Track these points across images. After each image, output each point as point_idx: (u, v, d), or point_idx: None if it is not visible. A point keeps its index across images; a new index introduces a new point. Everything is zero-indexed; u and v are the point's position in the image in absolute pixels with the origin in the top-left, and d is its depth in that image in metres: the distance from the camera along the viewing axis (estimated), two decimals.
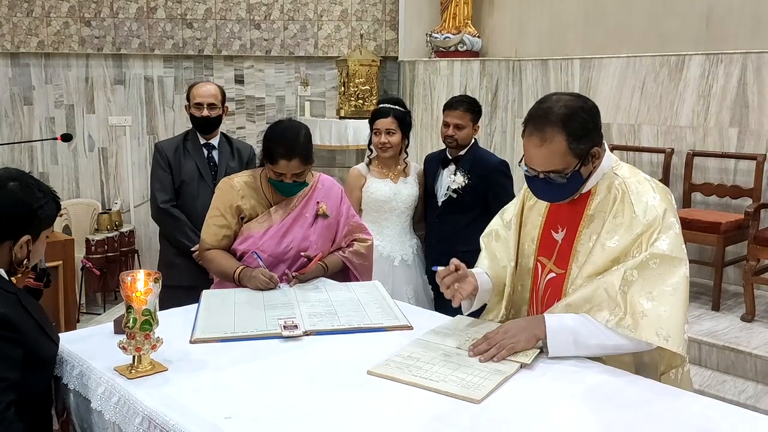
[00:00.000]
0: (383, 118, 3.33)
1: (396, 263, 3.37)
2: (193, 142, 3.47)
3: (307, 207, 2.61)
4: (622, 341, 1.73)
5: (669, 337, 1.70)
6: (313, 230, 2.59)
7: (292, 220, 2.58)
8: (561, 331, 1.77)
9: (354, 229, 2.74)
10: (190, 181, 3.41)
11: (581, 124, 1.77)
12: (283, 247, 2.54)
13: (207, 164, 3.45)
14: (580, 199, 1.88)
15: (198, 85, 3.53)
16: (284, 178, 2.50)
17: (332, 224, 2.66)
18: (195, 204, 3.37)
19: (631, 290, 1.73)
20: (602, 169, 1.85)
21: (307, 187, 2.63)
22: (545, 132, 1.76)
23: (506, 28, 5.95)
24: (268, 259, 2.52)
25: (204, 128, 3.46)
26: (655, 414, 1.53)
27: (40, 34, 6.13)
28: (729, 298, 4.34)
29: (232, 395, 1.61)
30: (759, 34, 4.54)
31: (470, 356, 1.79)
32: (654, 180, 1.89)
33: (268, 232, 2.55)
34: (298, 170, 2.49)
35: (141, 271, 1.73)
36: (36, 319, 1.76)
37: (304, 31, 6.45)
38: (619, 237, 1.78)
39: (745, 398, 3.48)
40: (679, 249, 1.77)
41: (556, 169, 1.78)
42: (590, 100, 1.84)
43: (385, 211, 3.39)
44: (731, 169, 4.60)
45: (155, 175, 3.46)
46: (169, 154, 3.42)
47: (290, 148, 2.44)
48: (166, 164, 3.41)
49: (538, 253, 1.99)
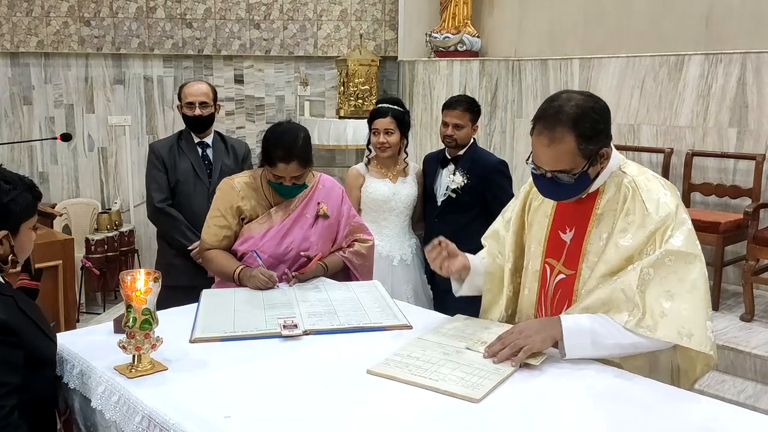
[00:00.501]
0: (381, 117, 3.32)
1: (395, 263, 3.37)
2: (187, 142, 3.47)
3: (307, 208, 2.62)
4: (640, 340, 1.71)
5: (692, 335, 1.68)
6: (313, 231, 2.60)
7: (293, 220, 2.58)
8: (578, 332, 1.74)
9: (355, 229, 2.75)
10: (186, 180, 3.41)
11: (591, 125, 1.75)
12: (283, 247, 2.55)
13: (202, 163, 3.45)
14: (587, 199, 1.87)
15: (189, 84, 3.52)
16: (283, 180, 2.50)
17: (333, 225, 2.66)
18: (191, 203, 3.38)
19: (648, 289, 1.70)
20: (610, 167, 1.84)
21: (308, 188, 2.63)
22: (555, 131, 1.74)
23: (506, 28, 5.95)
24: (268, 260, 2.52)
25: (197, 127, 3.46)
26: (655, 413, 1.54)
27: (40, 34, 6.13)
28: (728, 297, 4.35)
29: (231, 394, 1.61)
30: (758, 34, 4.54)
31: (485, 357, 1.77)
32: (662, 177, 1.89)
33: (268, 233, 2.55)
34: (297, 173, 2.49)
35: (141, 270, 1.73)
36: (33, 320, 1.76)
37: (303, 31, 6.45)
38: (632, 235, 1.76)
39: (745, 398, 3.49)
40: (694, 245, 1.76)
41: (564, 169, 1.77)
42: (602, 100, 1.82)
43: (384, 211, 3.40)
44: (730, 169, 4.61)
45: (150, 175, 3.45)
46: (164, 154, 3.42)
47: (288, 151, 2.45)
48: (161, 164, 3.41)
49: (545, 254, 1.95)
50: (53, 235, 3.37)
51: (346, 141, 5.94)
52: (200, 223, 3.22)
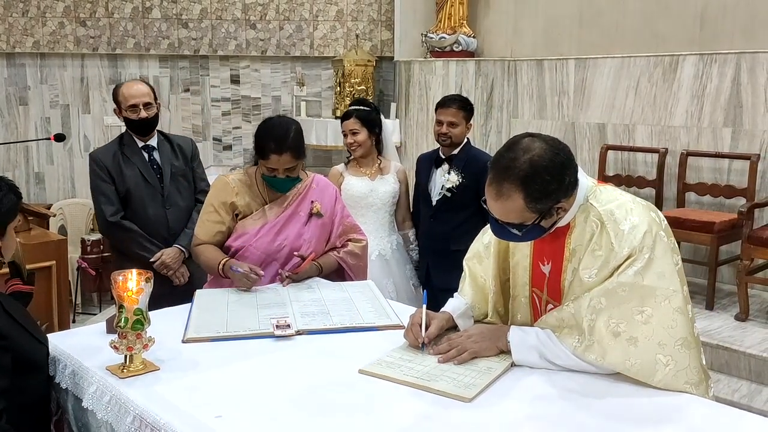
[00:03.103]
0: (347, 119, 3.52)
1: (373, 257, 3.41)
2: (130, 147, 3.23)
3: (301, 205, 2.63)
4: (588, 366, 1.69)
5: (638, 368, 1.62)
6: (307, 228, 2.61)
7: (287, 218, 2.60)
8: (524, 348, 1.75)
9: (348, 229, 2.76)
10: (136, 188, 3.19)
11: (541, 186, 1.63)
12: (276, 244, 2.56)
13: (150, 167, 3.23)
14: (559, 233, 1.78)
15: (126, 85, 3.24)
16: (277, 173, 2.52)
17: (326, 224, 2.68)
18: (146, 212, 3.20)
19: (599, 318, 1.65)
20: (578, 201, 1.75)
21: (302, 186, 2.65)
22: (502, 187, 1.64)
23: (501, 29, 5.95)
24: (261, 256, 2.54)
25: (144, 130, 3.22)
26: (648, 413, 1.54)
27: (36, 34, 6.12)
28: (723, 297, 4.35)
29: (223, 394, 1.61)
30: (753, 34, 4.55)
31: (429, 353, 1.80)
32: (635, 200, 1.77)
33: (262, 229, 2.57)
34: (290, 164, 2.51)
35: (132, 270, 1.73)
36: (22, 324, 1.75)
37: (299, 31, 6.45)
38: (598, 270, 1.69)
39: (739, 397, 3.50)
40: (656, 276, 1.64)
41: (511, 222, 1.69)
42: (562, 152, 1.67)
43: (361, 207, 3.50)
44: (725, 169, 4.61)
45: (96, 187, 3.21)
46: (108, 163, 3.18)
47: (280, 143, 2.47)
48: (107, 174, 3.17)
49: (531, 284, 1.91)
50: (47, 235, 3.36)
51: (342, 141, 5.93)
52: (158, 232, 3.18)
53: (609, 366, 1.67)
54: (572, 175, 1.70)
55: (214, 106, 6.50)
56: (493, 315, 1.98)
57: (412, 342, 1.86)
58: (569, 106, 5.39)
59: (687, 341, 1.66)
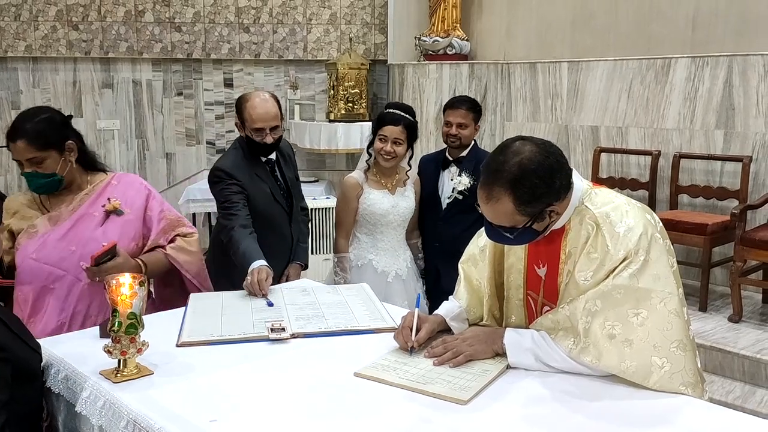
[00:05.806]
0: (393, 125, 3.02)
1: (390, 279, 3.17)
2: (256, 164, 2.91)
3: (94, 206, 2.36)
4: (583, 369, 1.70)
5: (634, 370, 1.63)
6: (103, 229, 2.33)
7: (74, 222, 2.31)
8: (520, 350, 1.75)
9: (173, 223, 2.49)
10: (267, 208, 2.92)
11: (530, 189, 1.62)
12: (60, 252, 2.26)
13: (277, 186, 2.98)
14: (555, 235, 1.78)
15: (253, 103, 2.81)
16: (22, 166, 2.24)
17: (132, 221, 2.39)
18: (282, 232, 3.00)
19: (595, 320, 1.65)
20: (573, 203, 1.74)
21: (98, 185, 2.41)
22: (492, 189, 1.64)
23: (495, 32, 5.97)
24: (48, 269, 2.24)
25: (266, 152, 2.91)
26: (643, 415, 1.54)
27: (28, 38, 6.10)
28: (716, 298, 4.37)
29: (218, 398, 1.61)
30: (744, 36, 4.58)
31: (425, 356, 1.80)
32: (630, 202, 1.77)
33: (40, 239, 2.26)
34: (29, 154, 2.19)
35: (126, 274, 1.72)
36: (16, 333, 1.74)
37: (293, 35, 6.45)
38: (593, 273, 1.69)
39: (733, 398, 3.51)
40: (652, 279, 1.65)
41: (503, 225, 1.69)
42: (554, 154, 1.67)
43: (380, 225, 3.15)
44: (717, 171, 4.63)
45: (228, 198, 2.79)
46: (241, 179, 2.83)
47: (14, 128, 2.20)
48: (239, 188, 2.82)
49: (526, 287, 1.90)
50: None
51: (336, 145, 5.94)
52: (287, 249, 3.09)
53: (604, 368, 1.67)
54: (563, 178, 1.69)
55: (208, 110, 6.49)
56: (488, 318, 1.98)
57: (402, 345, 1.87)
58: (562, 109, 5.41)
59: (683, 343, 1.66)
